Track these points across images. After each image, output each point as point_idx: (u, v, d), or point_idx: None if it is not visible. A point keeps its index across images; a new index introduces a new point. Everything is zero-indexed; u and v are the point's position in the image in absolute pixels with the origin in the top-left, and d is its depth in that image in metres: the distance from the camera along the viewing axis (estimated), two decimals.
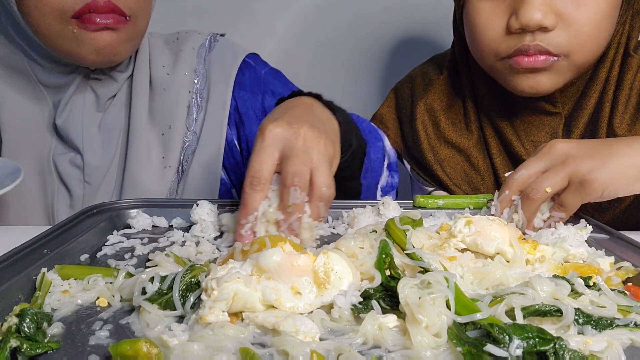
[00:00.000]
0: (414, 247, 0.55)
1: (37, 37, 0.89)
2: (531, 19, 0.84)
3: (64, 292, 0.53)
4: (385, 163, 1.05)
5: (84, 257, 0.64)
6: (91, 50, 0.88)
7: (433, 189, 1.04)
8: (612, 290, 0.51)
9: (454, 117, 1.06)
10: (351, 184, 0.93)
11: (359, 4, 1.49)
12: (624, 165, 0.69)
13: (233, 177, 1.07)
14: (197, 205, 0.76)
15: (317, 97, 0.83)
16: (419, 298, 0.46)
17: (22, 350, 0.42)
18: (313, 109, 0.78)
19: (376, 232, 0.60)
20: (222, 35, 1.12)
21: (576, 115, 0.97)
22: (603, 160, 0.69)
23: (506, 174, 0.76)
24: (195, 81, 1.05)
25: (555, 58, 0.87)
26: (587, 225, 0.70)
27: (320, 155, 0.67)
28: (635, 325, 0.46)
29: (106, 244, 0.69)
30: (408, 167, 1.11)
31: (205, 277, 0.50)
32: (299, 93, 0.83)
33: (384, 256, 0.53)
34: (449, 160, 1.04)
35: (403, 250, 0.55)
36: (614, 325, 0.46)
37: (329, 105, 0.82)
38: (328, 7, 1.49)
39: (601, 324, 0.46)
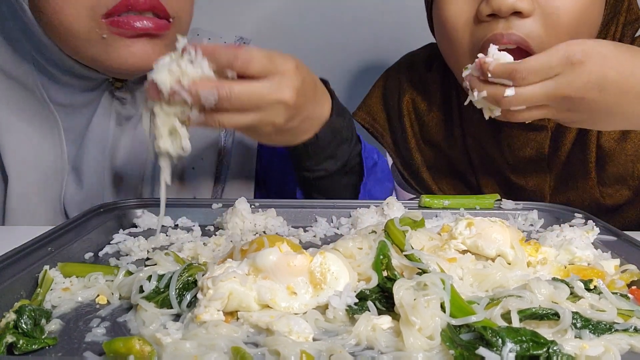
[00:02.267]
0: (412, 248, 0.55)
1: (57, 40, 0.76)
2: (503, 2, 0.75)
3: (64, 290, 0.54)
4: None
5: (88, 255, 0.65)
6: (123, 60, 0.75)
7: (414, 196, 1.02)
8: (614, 293, 0.50)
9: (439, 123, 1.01)
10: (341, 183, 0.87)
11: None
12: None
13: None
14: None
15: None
16: (414, 300, 0.45)
17: (18, 345, 0.42)
18: (314, 116, 0.77)
19: (376, 232, 0.60)
20: (246, 43, 1.04)
21: (563, 129, 0.90)
22: (612, 118, 0.68)
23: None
24: None
25: (531, 51, 0.78)
26: (594, 227, 0.69)
27: (261, 116, 0.66)
28: (635, 330, 0.45)
29: (111, 242, 0.70)
30: (391, 162, 1.07)
31: (202, 276, 0.51)
32: None
33: (381, 257, 0.53)
34: (435, 161, 1.01)
35: (402, 251, 0.55)
36: (613, 329, 0.45)
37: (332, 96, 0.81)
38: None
39: (599, 328, 0.45)
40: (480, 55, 0.67)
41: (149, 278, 0.51)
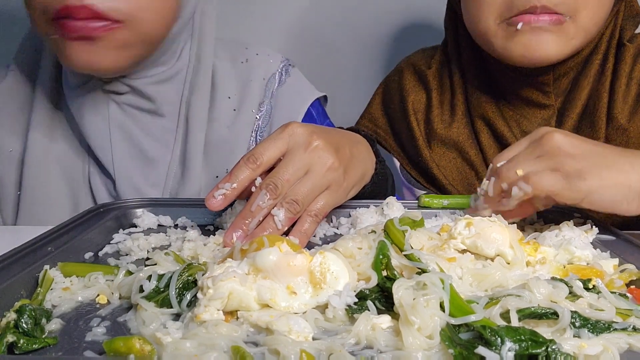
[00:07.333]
0: (412, 248, 0.55)
1: None
2: None
3: (65, 289, 0.54)
4: None
5: (88, 255, 0.65)
6: (70, 61, 0.78)
7: (425, 192, 1.03)
8: (613, 293, 0.50)
9: (444, 113, 1.05)
10: None
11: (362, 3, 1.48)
12: (616, 180, 0.63)
13: None
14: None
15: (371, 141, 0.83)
16: (413, 299, 0.46)
17: (19, 345, 0.43)
18: (357, 144, 0.77)
19: (375, 232, 0.60)
20: (292, 65, 1.06)
21: (569, 107, 0.95)
22: (597, 167, 0.63)
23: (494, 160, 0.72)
24: (257, 117, 0.99)
25: (562, 16, 0.84)
26: (593, 226, 0.69)
27: (315, 174, 0.67)
28: (634, 329, 0.45)
29: (111, 242, 0.70)
30: (397, 164, 1.10)
31: (202, 275, 0.51)
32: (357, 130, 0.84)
33: (381, 257, 0.53)
34: (442, 157, 1.03)
35: (401, 251, 0.55)
36: (612, 328, 0.45)
37: (375, 152, 0.82)
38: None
39: (598, 327, 0.45)
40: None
41: (149, 278, 0.51)
